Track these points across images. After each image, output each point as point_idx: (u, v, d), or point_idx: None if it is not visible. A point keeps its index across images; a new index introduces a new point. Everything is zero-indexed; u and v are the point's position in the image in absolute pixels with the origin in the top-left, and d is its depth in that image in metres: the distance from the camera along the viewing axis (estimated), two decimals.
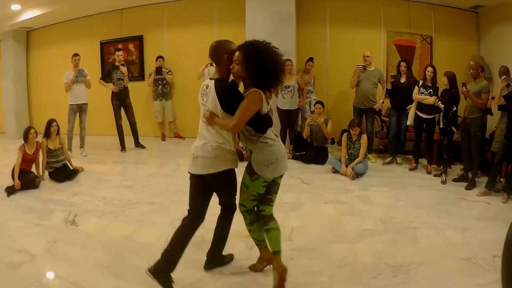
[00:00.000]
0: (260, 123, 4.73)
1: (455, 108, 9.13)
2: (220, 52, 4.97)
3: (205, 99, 4.89)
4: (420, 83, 9.76)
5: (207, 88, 4.88)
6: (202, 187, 5.22)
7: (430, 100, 9.49)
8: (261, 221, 5.09)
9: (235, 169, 5.05)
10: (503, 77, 8.38)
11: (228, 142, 4.87)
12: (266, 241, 5.07)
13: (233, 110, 4.54)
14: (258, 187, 4.88)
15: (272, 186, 5.01)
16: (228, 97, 4.66)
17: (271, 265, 5.05)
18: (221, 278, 5.16)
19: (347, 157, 9.80)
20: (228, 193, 5.22)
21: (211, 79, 4.95)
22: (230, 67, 4.79)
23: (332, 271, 5.24)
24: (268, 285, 4.86)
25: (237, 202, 5.24)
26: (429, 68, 9.73)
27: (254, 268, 5.38)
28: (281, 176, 5.03)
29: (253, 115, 4.57)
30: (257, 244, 5.29)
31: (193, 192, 5.32)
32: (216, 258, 5.45)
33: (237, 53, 4.78)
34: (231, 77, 4.94)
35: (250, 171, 4.85)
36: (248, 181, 4.88)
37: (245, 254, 5.70)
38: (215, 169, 4.94)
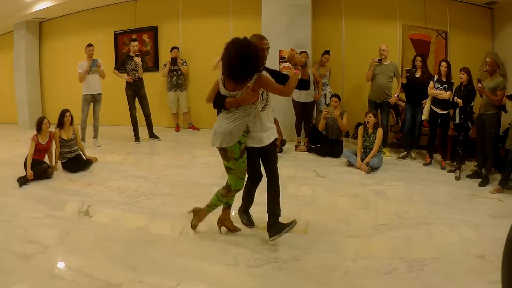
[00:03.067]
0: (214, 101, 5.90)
1: (472, 104, 9.08)
2: None
3: None
4: (435, 78, 9.71)
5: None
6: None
7: (445, 95, 9.45)
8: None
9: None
10: None
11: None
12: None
13: None
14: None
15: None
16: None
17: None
18: (237, 270, 5.14)
19: (362, 150, 9.78)
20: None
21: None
22: None
23: (347, 265, 5.22)
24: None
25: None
26: (443, 63, 9.68)
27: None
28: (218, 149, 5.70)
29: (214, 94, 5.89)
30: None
31: (253, 161, 5.84)
32: (276, 226, 5.75)
33: None
34: None
35: None
36: None
37: (260, 247, 5.66)
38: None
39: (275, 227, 5.66)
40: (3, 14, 14.48)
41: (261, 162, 5.93)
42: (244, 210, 6.44)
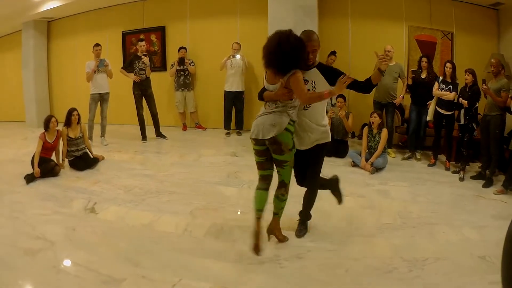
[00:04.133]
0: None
1: (477, 105, 9.12)
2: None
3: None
4: (440, 79, 9.73)
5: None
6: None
7: (450, 96, 9.47)
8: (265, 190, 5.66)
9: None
10: None
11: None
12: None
13: None
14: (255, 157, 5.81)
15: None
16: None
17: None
18: (239, 267, 5.19)
19: (367, 150, 9.82)
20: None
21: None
22: None
23: (349, 264, 5.26)
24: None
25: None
26: (448, 64, 9.70)
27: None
28: (256, 143, 5.65)
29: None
30: (256, 212, 5.60)
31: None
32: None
33: None
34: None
35: None
36: None
37: (263, 245, 5.60)
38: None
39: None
40: (12, 14, 14.55)
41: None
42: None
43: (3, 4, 13.76)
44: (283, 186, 5.56)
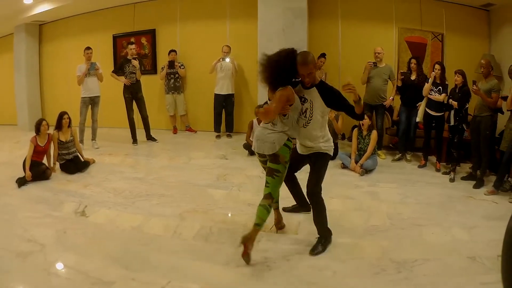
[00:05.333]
0: None
1: (467, 106, 9.15)
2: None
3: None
4: (430, 81, 9.75)
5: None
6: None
7: (439, 97, 9.51)
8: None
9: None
10: None
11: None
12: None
13: None
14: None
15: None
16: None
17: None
18: (228, 269, 5.21)
19: (356, 152, 9.84)
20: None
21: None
22: None
23: (337, 266, 5.28)
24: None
25: None
26: (437, 66, 9.74)
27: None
28: (260, 156, 5.79)
29: None
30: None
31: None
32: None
33: None
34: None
35: None
36: None
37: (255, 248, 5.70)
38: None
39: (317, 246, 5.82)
40: (4, 17, 14.52)
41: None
42: (301, 205, 6.77)
43: None
44: (269, 198, 5.62)
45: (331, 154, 5.97)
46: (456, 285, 4.87)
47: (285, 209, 6.80)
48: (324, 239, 5.86)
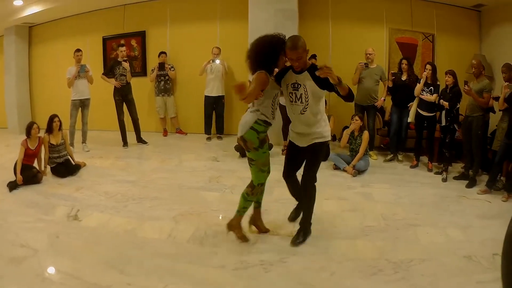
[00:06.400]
0: None
1: (458, 106, 9.16)
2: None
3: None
4: (422, 81, 9.75)
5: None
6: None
7: (431, 97, 9.52)
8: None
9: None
10: (506, 83, 8.38)
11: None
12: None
13: None
14: None
15: None
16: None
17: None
18: (224, 273, 5.18)
19: (349, 152, 9.93)
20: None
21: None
22: None
23: (333, 267, 5.26)
24: None
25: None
26: (428, 66, 9.76)
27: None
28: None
29: None
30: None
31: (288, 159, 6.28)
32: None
33: None
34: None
35: None
36: None
37: (247, 250, 5.73)
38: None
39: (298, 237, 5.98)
40: None
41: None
42: (297, 206, 6.68)
43: None
44: (251, 186, 5.81)
45: (329, 139, 5.95)
46: (454, 285, 4.87)
47: (290, 219, 6.70)
48: (305, 229, 6.02)
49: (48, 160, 9.45)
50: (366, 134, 9.71)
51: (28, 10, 14.02)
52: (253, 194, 5.83)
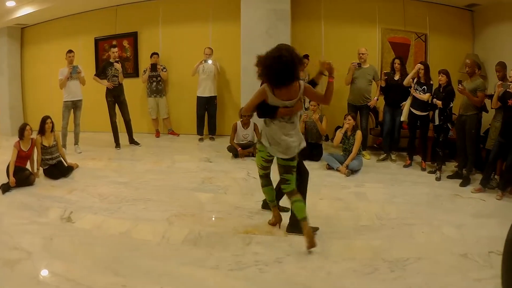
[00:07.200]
0: (259, 111, 5.83)
1: (451, 105, 9.16)
2: None
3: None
4: (415, 80, 9.77)
5: None
6: None
7: (424, 96, 9.52)
8: (271, 185, 6.32)
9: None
10: (500, 82, 8.39)
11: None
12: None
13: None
14: (259, 159, 6.09)
15: (279, 168, 5.98)
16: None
17: (279, 225, 6.45)
18: (219, 274, 5.16)
19: (341, 145, 9.98)
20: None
21: None
22: None
23: (329, 267, 5.26)
24: None
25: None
26: (420, 66, 9.76)
27: (271, 222, 6.55)
28: (283, 160, 5.86)
29: (258, 103, 5.72)
30: (269, 203, 6.48)
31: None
32: (296, 223, 6.02)
33: None
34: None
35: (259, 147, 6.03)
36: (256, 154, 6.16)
37: (242, 250, 5.72)
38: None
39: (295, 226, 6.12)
40: None
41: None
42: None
43: None
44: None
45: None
46: (450, 283, 4.89)
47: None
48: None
49: (40, 162, 9.40)
50: (359, 134, 9.72)
51: (20, 11, 13.97)
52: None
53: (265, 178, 6.25)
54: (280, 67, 5.31)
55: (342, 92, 11.73)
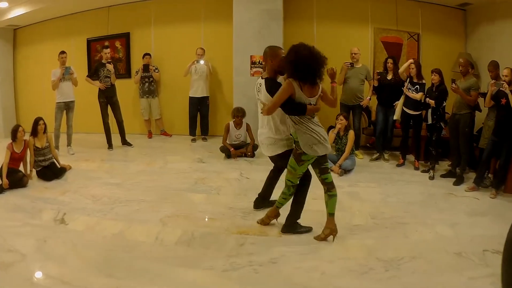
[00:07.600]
0: (289, 106, 5.72)
1: (444, 104, 9.17)
2: (267, 57, 6.21)
3: (259, 95, 6.24)
4: (408, 80, 9.76)
5: (260, 86, 6.22)
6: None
7: (417, 95, 9.52)
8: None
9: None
10: (493, 81, 8.40)
11: (280, 132, 6.26)
12: (324, 204, 6.29)
13: None
14: (303, 168, 6.08)
15: (321, 158, 6.03)
16: (274, 90, 5.80)
17: (276, 220, 6.59)
18: (213, 274, 5.14)
19: (334, 145, 9.89)
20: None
21: (262, 78, 6.25)
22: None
23: (324, 267, 5.26)
24: None
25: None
26: (411, 65, 9.78)
27: (262, 222, 6.59)
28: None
29: (285, 100, 5.64)
30: (278, 205, 6.48)
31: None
32: (293, 224, 6.35)
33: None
34: (279, 76, 6.23)
35: (296, 158, 5.94)
36: (295, 165, 5.99)
37: (236, 251, 5.71)
38: (273, 152, 6.45)
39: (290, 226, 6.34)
40: None
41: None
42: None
43: None
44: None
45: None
46: (445, 281, 4.88)
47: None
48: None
49: (33, 163, 9.38)
50: (351, 134, 9.72)
51: (13, 12, 13.94)
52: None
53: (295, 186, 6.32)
54: (317, 63, 5.61)
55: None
